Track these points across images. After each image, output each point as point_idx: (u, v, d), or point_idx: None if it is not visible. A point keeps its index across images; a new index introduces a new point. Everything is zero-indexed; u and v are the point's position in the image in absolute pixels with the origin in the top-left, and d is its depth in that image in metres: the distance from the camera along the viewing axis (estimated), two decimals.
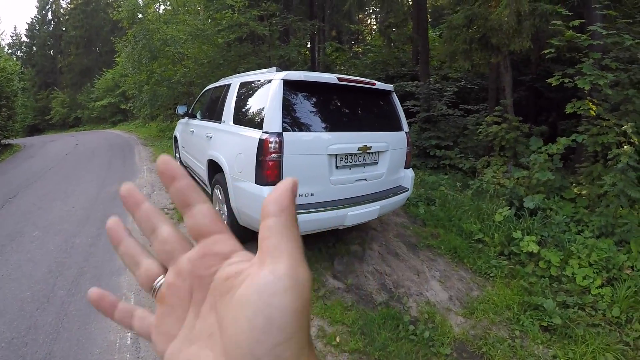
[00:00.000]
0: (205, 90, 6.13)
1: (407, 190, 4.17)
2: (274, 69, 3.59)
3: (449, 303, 3.57)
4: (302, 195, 3.23)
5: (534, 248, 4.13)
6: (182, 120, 6.73)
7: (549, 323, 3.24)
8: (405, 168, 4.25)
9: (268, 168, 3.08)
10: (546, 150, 5.39)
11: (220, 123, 4.30)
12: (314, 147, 3.28)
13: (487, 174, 6.24)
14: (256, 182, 3.16)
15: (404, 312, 3.37)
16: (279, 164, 3.09)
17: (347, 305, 3.32)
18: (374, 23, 27.31)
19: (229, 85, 4.48)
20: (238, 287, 0.28)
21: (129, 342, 2.80)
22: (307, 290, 0.27)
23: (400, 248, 4.43)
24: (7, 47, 40.84)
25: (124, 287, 3.51)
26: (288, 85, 3.28)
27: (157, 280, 0.35)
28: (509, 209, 4.92)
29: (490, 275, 4.02)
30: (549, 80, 5.59)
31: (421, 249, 4.48)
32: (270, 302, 0.25)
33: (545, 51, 5.60)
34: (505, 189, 5.47)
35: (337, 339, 2.93)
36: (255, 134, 3.23)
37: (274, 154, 3.06)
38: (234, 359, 0.26)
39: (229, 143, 3.92)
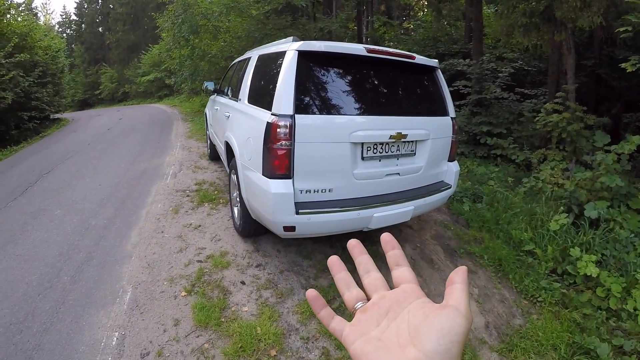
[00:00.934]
0: (232, 65, 5.69)
1: (450, 187, 3.51)
2: (291, 38, 3.01)
3: (484, 333, 2.95)
4: (317, 191, 2.69)
5: (593, 271, 3.39)
6: (211, 97, 6.38)
7: None
8: (449, 161, 3.58)
9: (276, 157, 2.55)
10: (615, 149, 4.50)
11: (237, 101, 3.82)
12: (334, 134, 2.68)
13: (544, 170, 5.41)
14: (263, 173, 2.67)
15: None
16: (289, 152, 2.55)
17: None
18: None
19: (249, 59, 3.97)
20: (434, 312, 0.42)
21: (114, 343, 2.57)
22: (469, 326, 0.41)
23: (436, 253, 3.84)
24: (57, 26, 42.96)
25: (124, 279, 3.26)
26: (305, 57, 2.68)
27: (358, 303, 0.49)
28: (567, 217, 4.16)
29: (538, 299, 3.34)
30: (623, 65, 4.70)
31: (461, 256, 3.86)
32: (454, 321, 0.40)
33: (621, 29, 4.66)
34: (565, 191, 4.67)
35: None
36: (264, 116, 2.71)
37: (283, 141, 2.52)
38: (418, 347, 0.39)
39: (241, 125, 3.43)
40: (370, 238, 3.78)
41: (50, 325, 2.71)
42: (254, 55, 3.86)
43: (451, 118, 3.49)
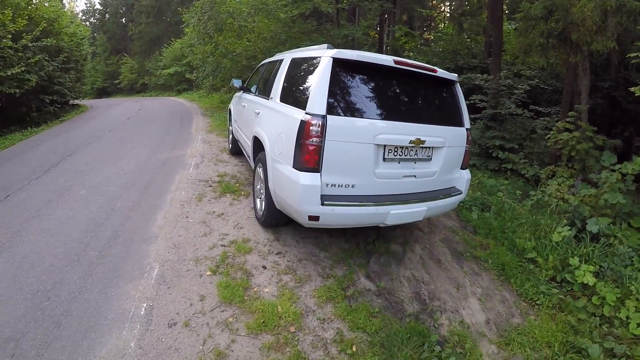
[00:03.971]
0: (261, 65, 5.97)
1: (461, 193, 3.77)
2: (326, 46, 3.29)
3: (484, 327, 3.20)
4: (341, 186, 2.96)
5: (590, 280, 3.61)
6: (237, 94, 6.63)
7: None
8: (461, 168, 3.84)
9: (307, 152, 2.83)
10: (620, 169, 4.71)
11: (268, 100, 4.10)
12: (360, 135, 2.96)
13: (551, 185, 5.61)
14: (293, 166, 2.94)
15: (433, 329, 3.06)
16: (319, 149, 2.83)
17: (374, 311, 3.04)
18: (448, 10, 26.06)
19: (281, 61, 4.25)
20: None
21: (142, 312, 2.75)
22: None
23: (444, 255, 4.06)
24: (81, 14, 43.51)
25: (151, 256, 3.46)
26: (338, 64, 2.98)
27: None
28: (570, 230, 4.37)
29: (537, 302, 3.58)
30: (633, 89, 4.88)
31: (467, 259, 4.08)
32: None
33: (632, 54, 4.87)
34: (569, 205, 4.88)
35: (354, 348, 2.67)
36: (298, 115, 3.00)
37: (315, 138, 2.80)
38: None
39: (272, 121, 3.71)
40: (383, 236, 4.03)
41: (79, 294, 2.87)
42: (286, 57, 4.13)
43: (466, 129, 3.74)
